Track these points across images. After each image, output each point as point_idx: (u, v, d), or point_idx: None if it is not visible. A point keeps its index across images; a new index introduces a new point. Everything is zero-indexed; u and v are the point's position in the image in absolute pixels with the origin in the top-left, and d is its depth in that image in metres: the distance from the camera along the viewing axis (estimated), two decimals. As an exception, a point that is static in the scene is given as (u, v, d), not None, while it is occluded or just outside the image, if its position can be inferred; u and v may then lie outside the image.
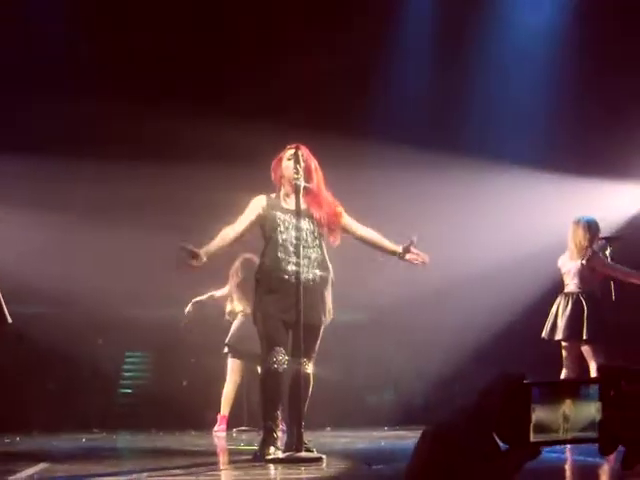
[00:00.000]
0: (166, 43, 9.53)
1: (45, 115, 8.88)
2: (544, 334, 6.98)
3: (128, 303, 9.62)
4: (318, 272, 4.90)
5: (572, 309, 6.70)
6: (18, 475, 3.92)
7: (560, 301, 6.89)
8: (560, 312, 6.83)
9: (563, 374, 6.83)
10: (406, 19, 10.21)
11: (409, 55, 10.14)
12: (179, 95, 9.66)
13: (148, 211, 9.63)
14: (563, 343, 6.86)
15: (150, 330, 9.87)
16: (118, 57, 9.64)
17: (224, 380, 8.23)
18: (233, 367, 8.14)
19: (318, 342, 4.94)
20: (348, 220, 5.12)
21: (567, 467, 4.49)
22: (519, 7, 9.96)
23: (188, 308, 8.62)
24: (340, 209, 5.07)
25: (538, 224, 8.98)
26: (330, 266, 4.99)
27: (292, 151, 4.94)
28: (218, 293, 8.51)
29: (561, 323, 6.78)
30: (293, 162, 4.87)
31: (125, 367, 10.91)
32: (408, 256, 5.18)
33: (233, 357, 8.12)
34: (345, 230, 5.11)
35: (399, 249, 5.14)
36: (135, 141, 9.33)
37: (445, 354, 10.34)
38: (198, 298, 8.58)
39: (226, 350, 8.17)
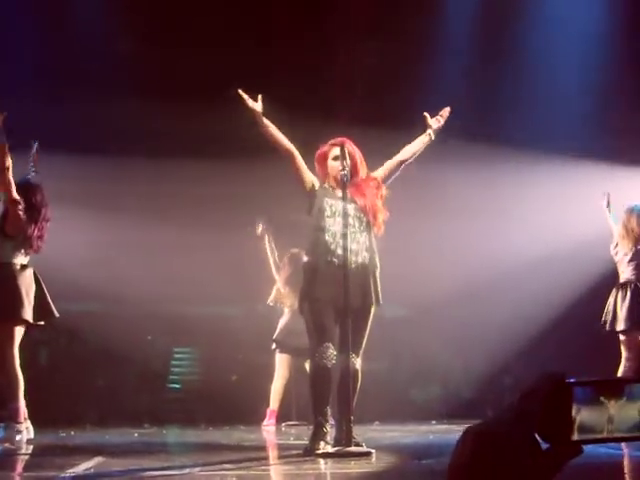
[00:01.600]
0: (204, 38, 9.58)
1: (94, 115, 9.03)
2: (606, 326, 6.91)
3: (177, 300, 9.75)
4: (367, 256, 4.95)
5: (631, 298, 6.68)
6: (75, 469, 4.03)
7: (617, 291, 6.85)
8: (619, 302, 6.79)
9: (622, 367, 6.77)
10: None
11: (454, 46, 10.08)
12: (218, 90, 9.73)
13: (196, 210, 9.75)
14: (621, 336, 6.80)
15: (198, 326, 10.00)
16: (161, 56, 9.73)
17: (272, 375, 8.30)
18: (281, 362, 8.20)
19: (367, 330, 4.96)
20: (382, 170, 5.20)
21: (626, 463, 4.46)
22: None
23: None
24: (375, 178, 5.14)
25: (587, 213, 8.88)
26: (376, 252, 5.05)
27: (337, 150, 4.98)
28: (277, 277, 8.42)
29: (621, 314, 6.74)
30: (340, 159, 4.92)
31: (174, 363, 11.06)
32: (434, 124, 5.23)
33: (281, 352, 8.18)
34: (388, 174, 5.20)
35: (427, 131, 5.23)
36: (182, 140, 9.45)
37: (492, 347, 10.30)
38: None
39: (274, 346, 8.23)
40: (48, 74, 9.02)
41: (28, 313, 5.83)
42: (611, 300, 6.89)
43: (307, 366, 7.29)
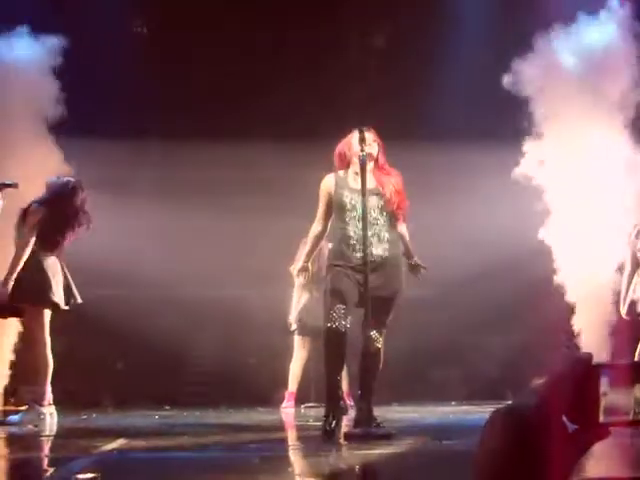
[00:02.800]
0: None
1: (119, 100, 9.05)
2: (623, 312, 6.85)
3: (194, 283, 9.80)
4: (388, 247, 4.94)
5: None
6: (99, 450, 4.08)
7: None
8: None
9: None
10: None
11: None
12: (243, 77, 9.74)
13: (213, 194, 9.78)
14: None
15: (217, 309, 10.04)
16: (178, 39, 9.73)
17: (290, 357, 8.33)
18: (300, 344, 8.22)
19: (390, 316, 4.96)
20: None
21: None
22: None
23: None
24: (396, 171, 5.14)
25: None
26: (400, 241, 5.05)
27: (358, 132, 4.98)
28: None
29: None
30: (359, 140, 4.92)
31: (193, 345, 11.13)
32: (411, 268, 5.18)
33: (300, 334, 8.21)
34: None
35: (411, 261, 5.17)
36: (199, 124, 9.48)
37: (510, 329, 10.29)
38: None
39: (294, 327, 8.25)
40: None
41: (57, 296, 5.94)
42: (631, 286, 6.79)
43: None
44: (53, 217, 6.03)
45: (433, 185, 9.65)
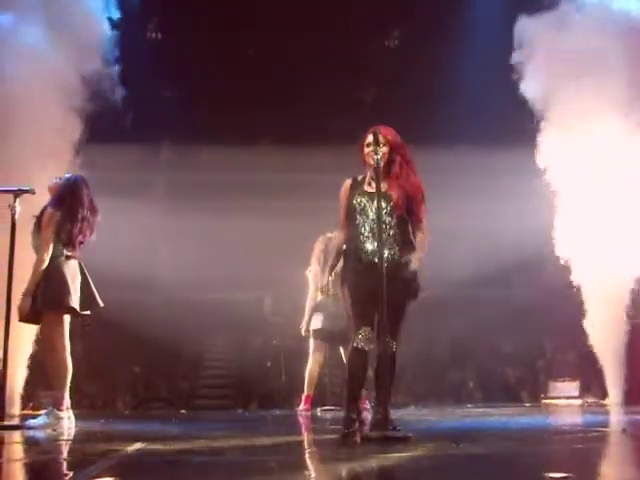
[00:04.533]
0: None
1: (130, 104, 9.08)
2: None
3: (212, 287, 9.83)
4: (399, 251, 4.92)
5: None
6: (117, 454, 4.09)
7: None
8: None
9: None
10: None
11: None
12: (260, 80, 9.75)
13: (227, 197, 9.80)
14: None
15: (233, 313, 10.06)
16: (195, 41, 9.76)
17: (306, 360, 8.33)
18: (316, 347, 8.21)
19: (403, 321, 4.96)
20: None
21: None
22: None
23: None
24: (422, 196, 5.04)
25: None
26: (415, 244, 4.98)
27: (371, 136, 4.97)
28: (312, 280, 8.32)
29: None
30: (373, 144, 4.90)
31: (210, 349, 11.15)
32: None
33: (315, 338, 8.20)
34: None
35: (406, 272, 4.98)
36: (218, 126, 9.50)
37: (525, 332, 10.25)
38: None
39: (311, 333, 8.22)
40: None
41: (75, 302, 5.96)
42: None
43: (342, 350, 7.31)
44: (66, 216, 6.06)
45: (447, 187, 9.63)
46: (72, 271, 6.03)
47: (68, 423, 5.93)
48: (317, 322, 8.08)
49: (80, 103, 8.32)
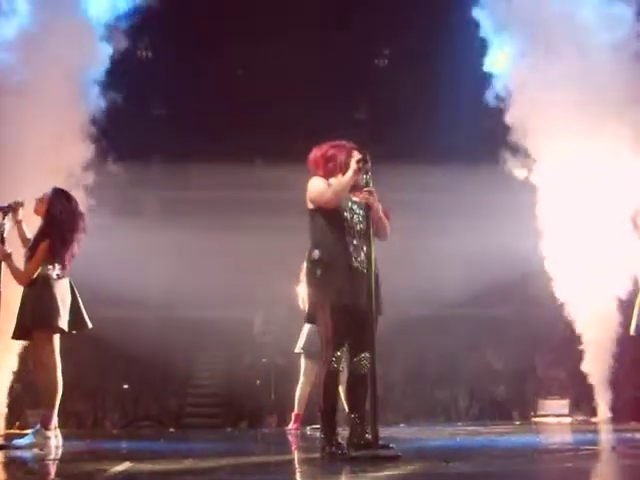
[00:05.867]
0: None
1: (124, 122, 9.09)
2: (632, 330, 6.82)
3: (201, 305, 9.80)
4: (376, 265, 4.90)
5: None
6: (104, 474, 4.06)
7: None
8: None
9: None
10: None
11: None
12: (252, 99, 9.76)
13: (216, 215, 9.79)
14: None
15: (222, 331, 10.03)
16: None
17: (296, 379, 8.30)
18: (307, 367, 8.19)
19: (374, 336, 4.92)
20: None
21: None
22: None
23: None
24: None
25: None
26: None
27: (362, 160, 4.91)
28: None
29: None
30: (364, 171, 4.86)
31: (198, 367, 11.10)
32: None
33: (307, 357, 8.18)
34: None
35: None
36: (210, 144, 9.51)
37: (515, 348, 10.25)
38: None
39: (301, 352, 8.20)
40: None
41: (63, 322, 5.94)
42: None
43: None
44: (56, 243, 6.03)
45: (437, 205, 9.68)
46: (62, 291, 6.01)
47: (56, 442, 5.88)
48: (307, 342, 8.06)
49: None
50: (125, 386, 10.73)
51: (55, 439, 5.91)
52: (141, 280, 9.45)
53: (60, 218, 6.07)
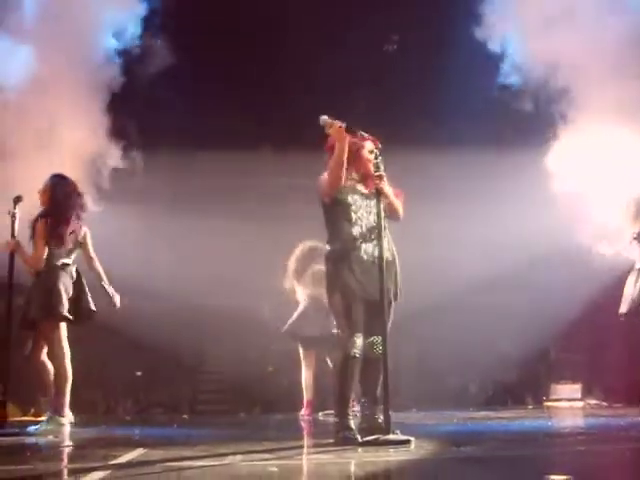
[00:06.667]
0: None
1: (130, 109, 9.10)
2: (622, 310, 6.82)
3: (213, 292, 9.81)
4: (391, 253, 4.99)
5: None
6: (118, 460, 4.09)
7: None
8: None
9: None
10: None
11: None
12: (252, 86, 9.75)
13: (225, 204, 9.79)
14: None
15: (235, 318, 10.05)
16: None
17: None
18: (304, 353, 8.24)
19: (390, 321, 4.98)
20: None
21: None
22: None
23: None
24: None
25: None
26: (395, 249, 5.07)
27: (371, 145, 4.98)
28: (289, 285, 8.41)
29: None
30: (374, 159, 4.91)
31: (211, 354, 11.14)
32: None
33: (299, 343, 8.23)
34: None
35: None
36: (218, 131, 9.50)
37: (527, 333, 10.24)
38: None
39: (290, 337, 8.24)
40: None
41: (66, 310, 5.98)
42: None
43: (328, 359, 7.34)
44: (53, 222, 6.08)
45: (445, 191, 9.64)
46: (67, 280, 6.07)
47: (69, 429, 5.94)
48: (291, 327, 8.12)
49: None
50: (138, 373, 10.79)
51: (69, 426, 5.97)
52: (153, 269, 9.48)
53: (57, 197, 6.15)
